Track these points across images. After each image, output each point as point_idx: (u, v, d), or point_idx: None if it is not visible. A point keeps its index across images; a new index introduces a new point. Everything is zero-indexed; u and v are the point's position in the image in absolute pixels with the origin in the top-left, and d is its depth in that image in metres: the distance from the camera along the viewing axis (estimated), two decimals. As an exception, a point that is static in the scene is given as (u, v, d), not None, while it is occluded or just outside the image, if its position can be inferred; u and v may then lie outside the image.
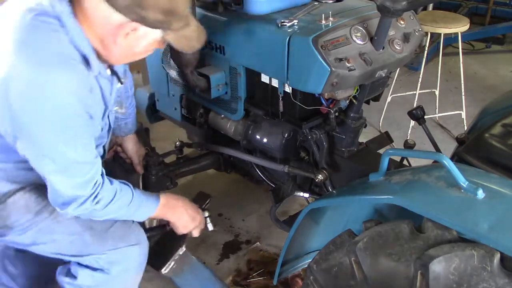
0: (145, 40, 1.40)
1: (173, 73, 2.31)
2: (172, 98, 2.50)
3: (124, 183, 1.63)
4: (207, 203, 1.98)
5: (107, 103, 1.58)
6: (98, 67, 1.45)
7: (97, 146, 1.61)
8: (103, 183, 1.53)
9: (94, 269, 1.63)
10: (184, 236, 1.88)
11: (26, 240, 1.64)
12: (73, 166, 1.43)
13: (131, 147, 2.18)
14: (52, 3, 1.35)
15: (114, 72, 1.58)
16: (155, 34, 1.39)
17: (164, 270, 1.94)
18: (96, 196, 1.50)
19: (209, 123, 2.45)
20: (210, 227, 2.01)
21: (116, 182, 1.59)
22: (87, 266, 1.63)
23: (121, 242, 1.65)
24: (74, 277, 1.64)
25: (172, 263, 1.88)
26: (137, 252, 1.66)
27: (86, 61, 1.40)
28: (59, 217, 1.62)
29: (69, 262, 1.69)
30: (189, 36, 1.47)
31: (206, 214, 1.98)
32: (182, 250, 1.89)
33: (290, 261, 1.91)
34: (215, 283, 2.19)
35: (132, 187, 1.64)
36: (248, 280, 2.45)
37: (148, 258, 1.78)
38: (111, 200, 1.55)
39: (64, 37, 1.35)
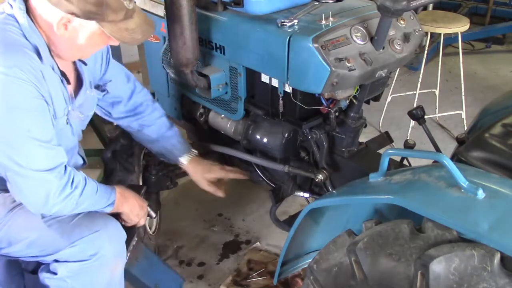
0: (83, 32, 1.49)
1: (173, 73, 2.31)
2: (172, 98, 2.50)
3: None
4: (143, 192, 2.02)
5: (66, 100, 1.65)
6: (49, 60, 1.55)
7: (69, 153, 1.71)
8: (71, 169, 1.59)
9: (71, 262, 1.63)
10: (134, 226, 1.89)
11: (3, 242, 1.66)
12: (36, 146, 1.48)
13: (194, 173, 2.17)
14: (10, 4, 1.51)
15: (63, 74, 1.63)
16: (91, 26, 1.47)
17: None
18: (73, 181, 1.57)
19: (209, 123, 2.45)
20: (153, 214, 2.02)
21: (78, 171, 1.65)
22: (64, 261, 1.63)
23: (87, 230, 1.64)
24: (54, 273, 1.64)
25: (127, 254, 1.89)
26: (105, 236, 1.65)
27: (37, 52, 1.50)
28: (28, 213, 1.63)
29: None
30: (132, 29, 1.52)
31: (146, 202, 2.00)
32: (134, 240, 1.90)
33: (290, 261, 1.91)
34: (168, 270, 2.25)
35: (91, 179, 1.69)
36: (248, 280, 2.45)
37: None
38: (85, 185, 1.60)
39: (18, 31, 1.49)
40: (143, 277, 2.08)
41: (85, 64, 1.76)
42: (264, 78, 2.05)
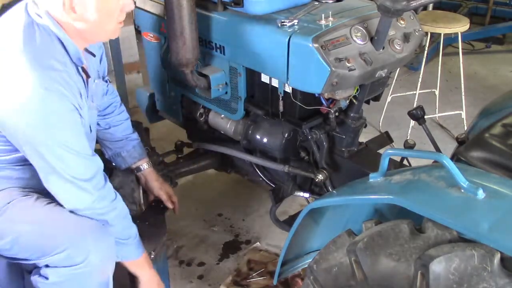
0: (90, 4, 1.50)
1: (173, 73, 2.32)
2: (172, 98, 2.50)
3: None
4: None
5: (81, 90, 1.65)
6: (77, 54, 1.57)
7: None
8: (105, 179, 1.66)
9: (61, 267, 1.62)
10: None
11: None
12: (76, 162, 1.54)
13: (154, 183, 2.19)
14: (38, 14, 1.51)
15: (84, 70, 1.65)
16: None
17: None
18: (112, 197, 1.66)
19: (209, 123, 2.45)
20: None
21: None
22: (55, 266, 1.62)
23: (74, 235, 1.63)
24: (46, 277, 1.63)
25: None
26: (92, 241, 1.64)
27: (74, 58, 1.56)
28: (23, 206, 1.65)
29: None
30: None
31: None
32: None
33: (290, 261, 1.91)
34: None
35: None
36: (248, 280, 2.45)
37: None
38: (114, 199, 1.67)
39: (52, 39, 1.52)
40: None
41: (93, 55, 1.78)
42: (264, 78, 2.05)
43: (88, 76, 1.68)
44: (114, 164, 2.17)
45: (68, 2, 1.46)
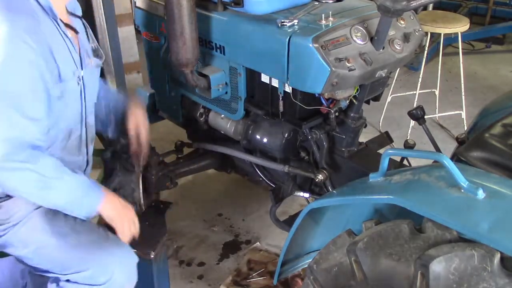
0: None
1: (173, 73, 2.31)
2: (172, 98, 2.50)
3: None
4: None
5: (74, 60, 1.62)
6: (53, 12, 1.53)
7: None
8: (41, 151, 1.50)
9: (82, 284, 1.62)
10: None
11: (18, 242, 1.65)
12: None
13: (130, 117, 1.95)
14: None
15: (67, 25, 1.62)
16: None
17: None
18: (35, 156, 1.46)
19: (209, 123, 2.45)
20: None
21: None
22: (75, 282, 1.62)
23: (100, 252, 1.62)
24: None
25: None
26: (118, 262, 1.64)
27: (49, 11, 1.51)
28: (48, 216, 1.62)
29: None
30: None
31: None
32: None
33: (290, 261, 1.91)
34: None
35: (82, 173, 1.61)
36: (248, 280, 2.45)
37: None
38: (56, 167, 1.51)
39: None
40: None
41: (79, 17, 1.75)
42: (264, 78, 2.05)
43: (76, 32, 1.64)
44: (106, 132, 2.05)
45: None
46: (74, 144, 1.75)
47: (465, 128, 3.34)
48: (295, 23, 1.81)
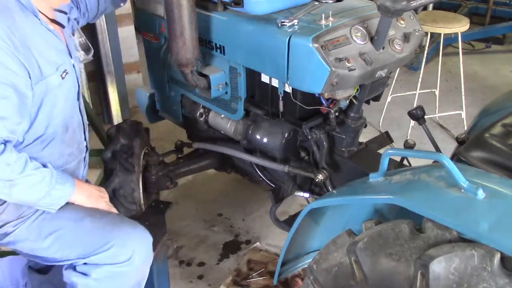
0: None
1: (173, 73, 2.31)
2: (172, 98, 2.50)
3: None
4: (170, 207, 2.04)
5: (62, 52, 1.64)
6: (31, 6, 1.54)
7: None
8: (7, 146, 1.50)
9: (103, 265, 1.63)
10: None
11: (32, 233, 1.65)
12: None
13: None
14: None
15: (54, 21, 1.64)
16: None
17: None
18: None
19: (209, 123, 2.45)
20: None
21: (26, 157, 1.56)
22: (95, 264, 1.63)
23: (119, 232, 1.64)
24: (84, 274, 1.64)
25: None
26: (137, 239, 1.67)
27: (24, 7, 1.53)
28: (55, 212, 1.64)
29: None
30: None
31: None
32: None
33: (290, 261, 1.91)
34: None
35: (49, 165, 1.62)
36: (248, 280, 2.45)
37: None
38: (23, 163, 1.51)
39: None
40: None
41: (65, 13, 1.77)
42: (264, 78, 2.05)
43: (62, 26, 1.65)
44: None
45: None
46: (72, 135, 1.77)
47: (465, 128, 3.34)
48: (295, 23, 1.81)
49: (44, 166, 1.60)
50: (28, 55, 1.50)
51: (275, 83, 2.01)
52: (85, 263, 1.64)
